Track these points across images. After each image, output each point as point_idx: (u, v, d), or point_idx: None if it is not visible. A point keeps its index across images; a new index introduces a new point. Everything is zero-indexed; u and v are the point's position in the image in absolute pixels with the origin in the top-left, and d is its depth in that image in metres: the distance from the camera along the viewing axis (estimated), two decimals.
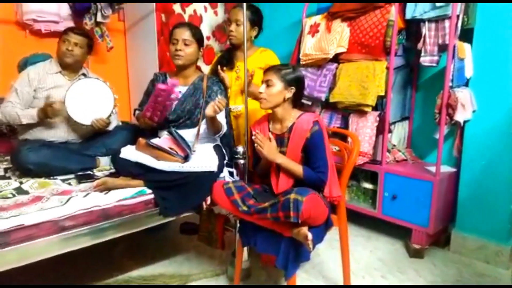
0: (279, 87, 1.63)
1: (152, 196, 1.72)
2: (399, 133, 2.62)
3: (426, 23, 2.19)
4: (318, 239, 1.55)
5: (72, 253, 1.50)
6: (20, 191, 1.69)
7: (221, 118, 1.93)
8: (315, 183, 1.60)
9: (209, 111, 1.77)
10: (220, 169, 1.87)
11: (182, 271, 2.06)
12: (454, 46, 2.06)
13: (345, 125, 2.50)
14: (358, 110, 2.39)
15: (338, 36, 2.46)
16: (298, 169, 1.61)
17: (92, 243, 1.55)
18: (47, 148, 1.96)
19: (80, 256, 1.73)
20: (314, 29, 2.61)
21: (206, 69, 3.08)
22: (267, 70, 1.68)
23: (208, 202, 1.81)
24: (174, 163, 1.74)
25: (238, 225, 1.86)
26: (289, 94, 1.64)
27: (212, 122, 1.87)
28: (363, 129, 2.35)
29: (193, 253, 2.29)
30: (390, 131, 2.47)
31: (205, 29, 3.17)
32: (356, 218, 2.56)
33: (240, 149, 1.96)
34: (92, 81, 2.12)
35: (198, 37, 2.00)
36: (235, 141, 2.21)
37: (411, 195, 2.24)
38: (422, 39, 2.22)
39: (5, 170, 2.04)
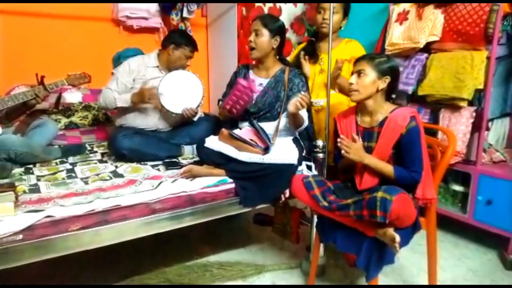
0: (372, 77, 1.53)
1: (233, 185, 1.76)
2: (497, 131, 2.34)
3: None
4: (404, 242, 1.45)
5: (156, 235, 1.59)
6: (116, 174, 1.85)
7: (303, 112, 1.88)
8: (407, 184, 1.49)
9: (292, 108, 1.73)
10: (299, 162, 1.85)
11: (257, 261, 2.09)
12: None
13: (434, 120, 2.31)
14: (451, 104, 2.18)
15: (430, 24, 2.26)
16: (388, 169, 1.50)
17: (176, 227, 1.63)
18: (139, 135, 2.12)
19: (162, 239, 1.84)
20: (403, 17, 2.43)
21: None
22: (359, 59, 1.59)
23: (287, 195, 1.80)
24: (254, 155, 1.76)
25: (315, 220, 1.82)
26: (383, 84, 1.54)
27: (294, 118, 1.84)
28: (456, 126, 2.14)
29: (266, 244, 2.30)
30: (487, 129, 2.23)
31: (284, 21, 3.07)
32: (442, 222, 2.36)
33: (320, 143, 1.91)
34: (183, 72, 2.22)
35: (271, 26, 1.93)
36: (315, 136, 2.15)
37: (510, 201, 1.99)
38: None
39: (102, 154, 2.25)
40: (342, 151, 1.54)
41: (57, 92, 2.39)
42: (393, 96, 2.47)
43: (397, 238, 1.31)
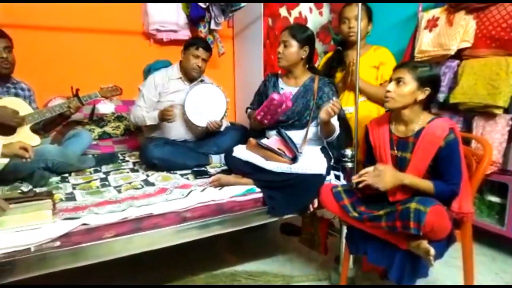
0: (412, 87, 1.47)
1: (261, 195, 1.76)
2: None
3: None
4: (439, 254, 1.40)
5: (182, 243, 1.60)
6: (147, 183, 1.90)
7: (335, 121, 1.87)
8: (447, 198, 1.44)
9: (323, 115, 1.73)
10: (328, 172, 1.84)
11: (284, 271, 2.07)
12: None
13: (467, 128, 2.24)
14: (485, 112, 2.11)
15: (462, 30, 2.21)
16: (427, 185, 1.44)
17: (205, 235, 1.65)
18: (169, 145, 2.17)
19: (189, 247, 1.85)
20: (432, 23, 2.39)
21: None
22: (399, 66, 1.53)
23: (315, 205, 1.78)
24: (282, 164, 1.76)
25: (344, 231, 1.79)
26: (422, 95, 1.48)
27: (326, 126, 1.83)
28: (491, 134, 2.06)
29: (293, 254, 2.28)
30: None
31: None
32: (477, 234, 2.26)
33: (349, 152, 1.89)
34: (208, 86, 2.27)
35: (300, 37, 1.93)
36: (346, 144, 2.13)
37: None
38: None
39: (134, 163, 2.32)
40: (374, 185, 1.45)
41: (90, 104, 2.48)
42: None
43: (432, 251, 1.27)
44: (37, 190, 1.75)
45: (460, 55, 2.29)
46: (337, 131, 1.91)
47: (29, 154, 1.64)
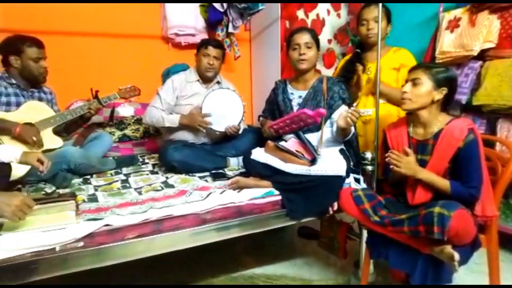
0: (428, 87, 1.47)
1: (279, 197, 1.75)
2: None
3: None
4: (463, 260, 1.37)
5: (202, 245, 1.61)
6: (167, 185, 1.92)
7: None
8: (464, 200, 1.41)
9: (342, 123, 1.73)
10: (347, 174, 1.82)
11: (302, 275, 2.05)
12: None
13: (491, 131, 2.18)
14: (510, 114, 2.06)
15: (485, 30, 2.16)
16: (444, 184, 1.43)
17: (224, 238, 1.65)
18: (188, 148, 2.19)
19: (207, 249, 1.86)
20: (454, 24, 2.34)
21: (326, 73, 3.04)
22: (414, 68, 1.54)
23: (335, 208, 1.77)
24: (301, 166, 1.75)
25: (364, 235, 1.77)
26: (439, 95, 1.48)
27: (343, 130, 1.82)
28: None
29: (312, 258, 2.26)
30: None
31: (327, 32, 3.14)
32: (503, 240, 2.19)
33: (369, 155, 1.86)
34: (223, 91, 2.29)
35: (316, 40, 2.01)
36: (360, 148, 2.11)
37: None
38: None
39: (153, 165, 2.35)
40: (392, 166, 1.48)
41: (110, 106, 2.53)
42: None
43: (456, 256, 1.24)
44: (60, 191, 1.80)
45: (482, 56, 2.24)
46: (352, 129, 1.89)
47: (43, 168, 1.60)
